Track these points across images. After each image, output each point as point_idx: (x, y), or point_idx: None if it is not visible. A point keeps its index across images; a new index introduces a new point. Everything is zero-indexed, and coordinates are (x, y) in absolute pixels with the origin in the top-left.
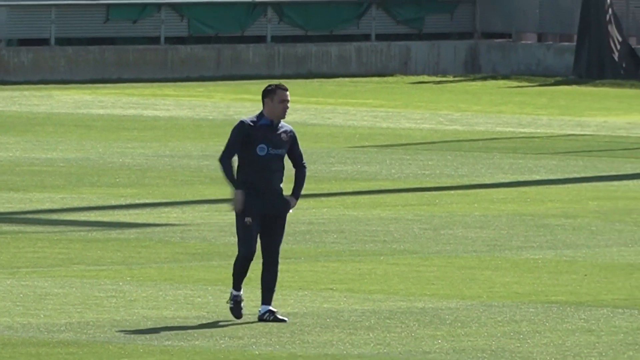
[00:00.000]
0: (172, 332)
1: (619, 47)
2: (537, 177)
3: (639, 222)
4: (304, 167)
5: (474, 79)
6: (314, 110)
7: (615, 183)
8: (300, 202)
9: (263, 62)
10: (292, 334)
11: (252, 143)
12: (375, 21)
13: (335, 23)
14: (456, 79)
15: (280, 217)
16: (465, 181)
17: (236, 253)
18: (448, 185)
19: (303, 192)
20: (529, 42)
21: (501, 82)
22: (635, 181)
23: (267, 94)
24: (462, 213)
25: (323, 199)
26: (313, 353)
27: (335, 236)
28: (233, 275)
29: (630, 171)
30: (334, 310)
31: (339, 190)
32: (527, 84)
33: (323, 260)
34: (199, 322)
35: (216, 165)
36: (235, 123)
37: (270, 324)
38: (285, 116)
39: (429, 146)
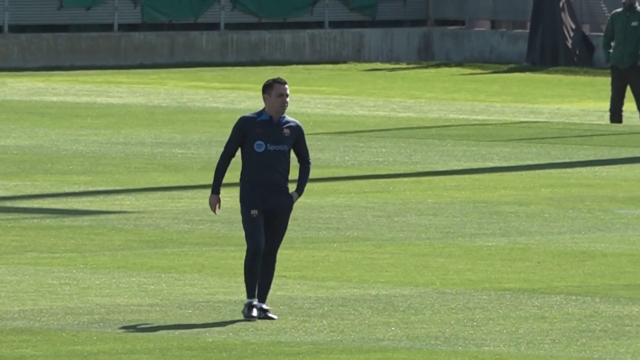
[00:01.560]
0: (126, 320)
1: (572, 34)
2: (491, 165)
3: (592, 209)
4: (309, 163)
5: (427, 66)
6: None
7: (569, 170)
8: None
9: (216, 50)
10: (245, 321)
11: (251, 139)
12: (328, 8)
13: (288, 10)
14: (409, 66)
15: (282, 213)
16: (419, 168)
17: (189, 240)
18: (401, 172)
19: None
20: (483, 29)
21: (454, 70)
22: (588, 168)
23: (265, 89)
24: (415, 200)
25: None
26: (266, 340)
27: (288, 223)
28: (245, 279)
29: (583, 158)
30: (287, 298)
31: (292, 178)
32: (480, 71)
33: None
34: (153, 310)
35: (170, 153)
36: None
37: (224, 312)
38: (284, 111)
39: (383, 133)
